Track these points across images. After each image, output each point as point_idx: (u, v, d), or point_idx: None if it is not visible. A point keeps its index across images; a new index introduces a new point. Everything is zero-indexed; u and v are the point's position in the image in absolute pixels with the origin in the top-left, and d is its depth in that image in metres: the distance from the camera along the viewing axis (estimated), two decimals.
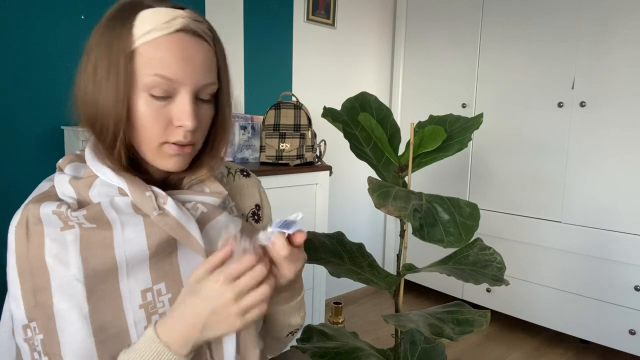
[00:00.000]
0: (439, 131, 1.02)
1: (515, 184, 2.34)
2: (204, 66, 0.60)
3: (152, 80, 0.57)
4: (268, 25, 2.26)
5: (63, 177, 0.64)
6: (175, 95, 0.59)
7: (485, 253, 1.02)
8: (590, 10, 2.02)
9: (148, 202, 0.61)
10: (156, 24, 0.57)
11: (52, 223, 0.59)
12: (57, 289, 0.58)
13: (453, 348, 2.23)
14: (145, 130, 0.60)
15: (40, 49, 1.57)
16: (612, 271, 2.03)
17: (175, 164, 0.63)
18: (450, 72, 2.58)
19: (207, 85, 0.61)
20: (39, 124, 1.60)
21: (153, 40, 0.57)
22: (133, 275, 0.60)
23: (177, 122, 0.60)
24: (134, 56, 0.57)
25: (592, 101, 2.04)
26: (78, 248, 0.58)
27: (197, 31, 0.60)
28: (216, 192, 0.68)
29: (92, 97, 0.59)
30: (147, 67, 0.57)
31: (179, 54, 0.58)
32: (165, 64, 0.57)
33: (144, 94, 0.58)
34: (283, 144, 1.91)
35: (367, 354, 1.05)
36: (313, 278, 2.03)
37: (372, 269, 1.08)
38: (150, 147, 0.61)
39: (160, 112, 0.59)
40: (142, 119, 0.59)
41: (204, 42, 0.61)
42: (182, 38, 0.58)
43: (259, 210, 0.80)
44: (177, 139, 0.60)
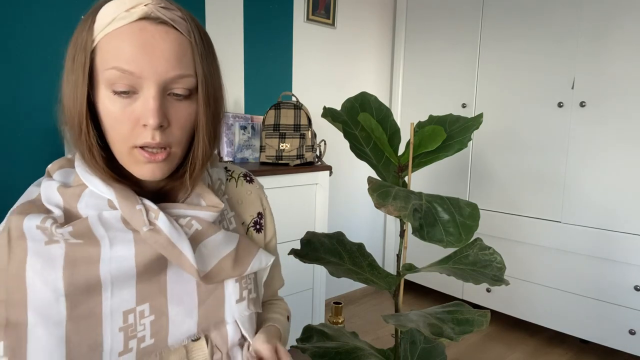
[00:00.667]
0: (438, 131, 1.02)
1: (515, 184, 2.34)
2: (170, 56, 0.54)
3: (111, 74, 0.53)
4: (268, 25, 2.26)
5: (51, 184, 0.60)
6: (140, 91, 0.54)
7: (485, 253, 1.02)
8: (590, 10, 2.02)
9: (138, 217, 0.57)
10: (116, 14, 0.53)
11: (35, 237, 0.55)
12: (34, 309, 0.54)
13: (453, 348, 2.23)
14: (112, 130, 0.55)
15: (40, 49, 1.57)
16: (612, 271, 2.03)
17: (150, 172, 0.57)
18: (450, 72, 2.58)
19: (178, 78, 0.55)
20: (39, 124, 1.60)
21: (113, 31, 0.53)
22: (117, 294, 0.57)
23: (142, 121, 0.54)
24: (95, 51, 0.54)
25: (592, 101, 2.04)
26: (62, 264, 0.55)
27: (162, 18, 0.54)
28: (212, 206, 0.64)
29: (61, 96, 0.57)
30: (106, 61, 0.53)
31: (138, 42, 0.52)
32: (123, 55, 0.52)
33: (107, 91, 0.54)
34: (283, 144, 1.91)
35: (367, 354, 1.05)
36: (313, 278, 2.03)
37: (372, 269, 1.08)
38: (121, 151, 0.57)
39: (125, 110, 0.54)
40: (107, 118, 0.55)
41: (171, 30, 0.55)
42: (144, 26, 0.53)
43: (261, 219, 0.77)
44: (144, 141, 0.55)
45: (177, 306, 0.61)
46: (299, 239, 1.14)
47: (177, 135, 0.57)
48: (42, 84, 1.59)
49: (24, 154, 1.58)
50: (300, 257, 1.08)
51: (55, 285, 0.54)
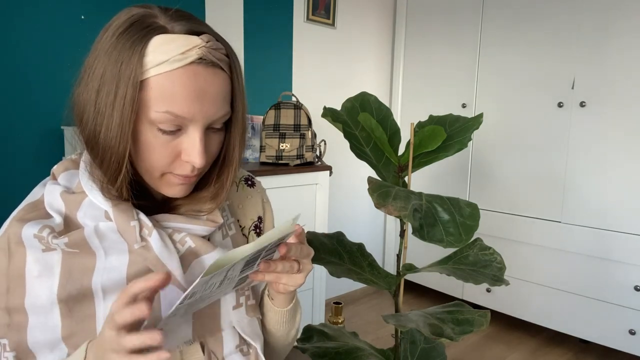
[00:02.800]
0: (439, 131, 1.02)
1: (515, 184, 2.34)
2: (218, 98, 0.56)
3: (162, 117, 0.53)
4: (268, 25, 2.26)
5: (55, 188, 0.61)
6: (185, 129, 0.56)
7: (485, 253, 1.02)
8: (590, 11, 2.02)
9: (131, 233, 0.58)
10: (170, 55, 0.52)
11: (33, 245, 0.56)
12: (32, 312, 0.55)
13: (453, 348, 2.23)
14: (150, 161, 0.56)
15: (40, 49, 1.57)
16: (612, 271, 2.03)
17: (179, 192, 0.61)
18: (450, 72, 2.58)
19: (221, 117, 0.58)
20: (39, 124, 1.60)
21: (166, 73, 0.52)
22: (110, 301, 0.57)
23: (185, 157, 0.56)
24: (143, 87, 0.52)
25: (592, 101, 2.04)
26: (59, 271, 0.56)
27: (214, 61, 0.54)
28: (211, 221, 0.65)
29: (93, 122, 0.54)
30: (158, 102, 0.53)
31: (192, 89, 0.53)
32: (177, 101, 0.53)
33: (152, 126, 0.54)
34: (283, 144, 1.91)
35: (367, 354, 1.05)
36: (313, 278, 2.03)
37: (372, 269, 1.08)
38: (152, 176, 0.58)
39: (167, 145, 0.56)
40: (148, 150, 0.55)
41: (219, 72, 0.56)
42: (198, 71, 0.53)
43: (260, 223, 0.78)
44: (183, 172, 0.58)
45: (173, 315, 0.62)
46: None
47: (208, 163, 0.61)
48: (43, 84, 1.59)
49: (24, 154, 1.58)
50: None
51: (51, 291, 0.56)
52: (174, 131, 0.55)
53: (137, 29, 0.53)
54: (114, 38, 0.53)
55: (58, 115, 1.63)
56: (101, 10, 1.67)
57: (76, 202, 0.59)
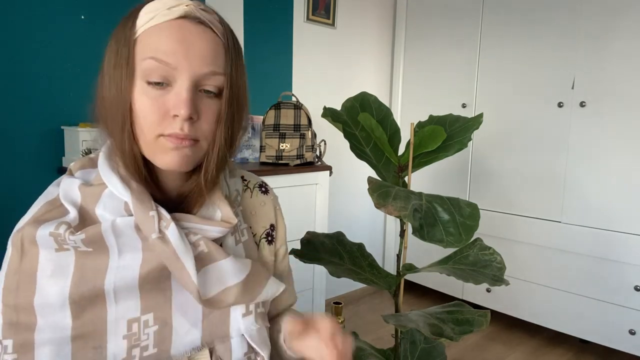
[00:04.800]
0: (438, 131, 1.02)
1: (515, 184, 2.33)
2: (205, 53, 0.56)
3: (148, 64, 0.55)
4: (268, 25, 2.26)
5: (73, 181, 0.61)
6: (173, 84, 0.56)
7: (485, 253, 1.02)
8: (590, 10, 2.02)
9: (150, 223, 0.57)
10: (158, 11, 0.56)
11: (47, 245, 0.56)
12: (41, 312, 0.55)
13: (453, 348, 2.23)
14: (142, 120, 0.56)
15: (41, 49, 1.57)
16: (612, 271, 2.03)
17: (175, 159, 0.57)
18: (450, 72, 2.58)
19: (209, 75, 0.57)
20: (39, 124, 1.60)
21: (154, 26, 0.56)
22: (122, 303, 0.57)
23: (172, 111, 0.55)
24: (135, 45, 0.56)
25: (592, 101, 2.04)
26: (72, 271, 0.56)
27: (201, 19, 0.57)
28: (225, 221, 0.64)
29: (102, 93, 0.58)
30: (144, 52, 0.55)
31: (177, 37, 0.55)
32: (161, 47, 0.55)
33: (142, 82, 0.56)
34: (283, 144, 1.91)
35: (367, 354, 1.05)
36: (313, 278, 2.03)
37: (372, 269, 1.08)
38: (147, 140, 0.57)
39: (157, 100, 0.56)
40: (139, 108, 0.56)
41: (208, 30, 0.58)
42: (184, 24, 0.56)
43: (273, 231, 0.77)
44: (173, 131, 0.56)
45: (182, 317, 0.61)
46: (299, 239, 1.14)
47: (205, 130, 0.58)
48: (43, 84, 1.59)
49: (24, 154, 1.58)
50: (300, 257, 1.08)
51: (63, 291, 0.56)
52: (162, 84, 0.56)
53: (134, 8, 0.58)
54: (119, 24, 0.58)
55: (58, 115, 1.63)
56: (101, 10, 1.67)
57: (95, 194, 0.59)
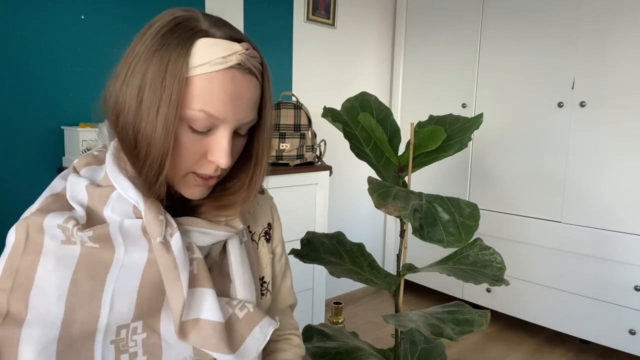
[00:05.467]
0: (438, 131, 1.02)
1: (515, 183, 2.33)
2: (250, 104, 0.58)
3: (197, 115, 0.55)
4: (268, 25, 2.26)
5: (80, 180, 0.60)
6: (215, 130, 0.57)
7: (485, 253, 1.02)
8: (590, 10, 2.02)
9: (157, 226, 0.57)
10: (213, 57, 0.54)
11: (54, 235, 0.56)
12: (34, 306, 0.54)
13: (453, 348, 2.23)
14: (178, 159, 0.57)
15: (41, 49, 1.57)
16: (612, 271, 2.03)
17: (197, 193, 0.62)
18: (450, 72, 2.58)
19: (249, 122, 0.60)
20: (39, 124, 1.60)
21: (207, 74, 0.55)
22: (116, 306, 0.57)
23: (211, 157, 0.58)
24: (186, 85, 0.54)
25: (592, 101, 2.04)
26: (74, 266, 0.56)
27: (250, 68, 0.58)
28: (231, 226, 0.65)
29: (135, 119, 0.55)
30: (194, 101, 0.54)
31: (229, 92, 0.56)
32: (213, 102, 0.55)
33: (183, 124, 0.56)
34: (283, 144, 1.91)
35: (367, 354, 1.05)
36: (313, 278, 2.03)
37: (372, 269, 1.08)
38: (177, 174, 0.59)
39: (197, 143, 0.57)
40: (177, 148, 0.56)
41: (254, 79, 0.59)
42: (235, 75, 0.56)
43: (270, 229, 0.79)
44: (206, 172, 0.59)
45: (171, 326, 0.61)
46: (299, 239, 1.14)
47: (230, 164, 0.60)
48: (43, 84, 1.59)
49: (24, 154, 1.58)
50: (300, 257, 1.08)
51: (62, 284, 0.55)
52: (204, 131, 0.57)
53: (183, 30, 0.55)
54: (158, 37, 0.55)
55: (58, 115, 1.63)
56: (101, 10, 1.67)
57: (103, 195, 0.59)
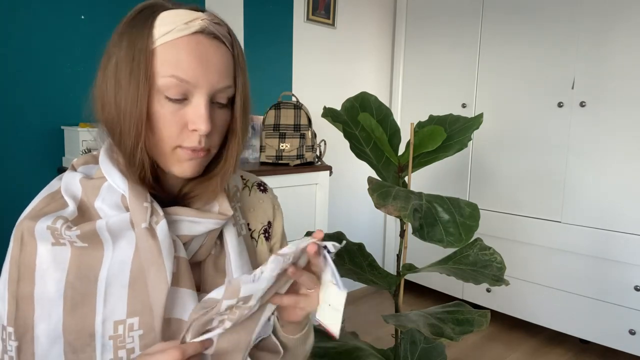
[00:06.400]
0: (438, 131, 1.02)
1: (515, 184, 2.33)
2: (220, 69, 0.59)
3: (168, 81, 0.56)
4: (268, 26, 2.26)
5: (75, 175, 0.63)
6: (191, 98, 0.58)
7: (485, 253, 1.02)
8: (590, 11, 2.02)
9: (142, 213, 0.59)
10: (175, 25, 0.57)
11: (44, 238, 0.58)
12: (40, 303, 0.57)
13: (453, 348, 2.23)
14: (159, 132, 0.59)
15: (41, 49, 1.57)
16: (612, 271, 2.03)
17: (190, 169, 0.61)
18: (450, 72, 2.58)
19: (224, 89, 0.60)
20: (39, 124, 1.60)
21: (172, 41, 0.57)
22: (110, 302, 0.58)
23: (191, 126, 0.58)
24: (153, 57, 0.57)
25: (592, 101, 2.04)
26: (67, 267, 0.58)
27: (215, 34, 0.59)
28: (222, 213, 0.65)
29: (112, 99, 0.58)
30: (164, 68, 0.57)
31: (196, 55, 0.57)
32: (181, 65, 0.56)
33: (159, 95, 0.57)
34: (283, 144, 1.91)
35: (367, 354, 1.05)
36: None
37: (372, 269, 1.08)
38: (164, 151, 0.60)
39: (175, 114, 0.58)
40: (157, 121, 0.58)
41: (222, 45, 0.60)
42: (200, 40, 0.58)
43: (269, 228, 0.79)
44: (192, 145, 0.59)
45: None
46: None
47: (216, 140, 0.62)
48: (43, 84, 1.59)
49: (24, 154, 1.58)
50: None
51: (59, 285, 0.57)
52: (180, 100, 0.58)
53: (146, 12, 0.58)
54: (124, 26, 0.59)
55: (58, 115, 1.63)
56: (101, 10, 1.67)
57: (95, 187, 0.61)
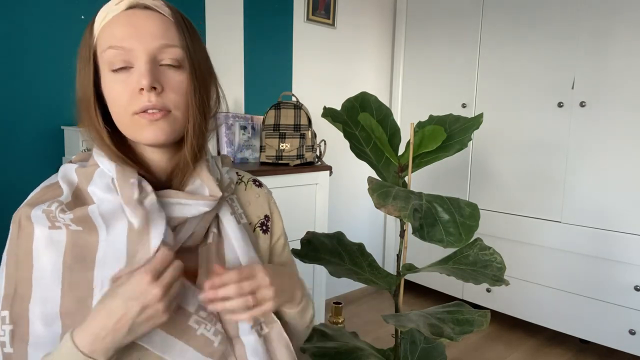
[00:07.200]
0: (439, 131, 1.02)
1: (515, 184, 2.33)
2: (154, 31, 0.61)
3: (108, 53, 0.60)
4: (268, 25, 2.26)
5: (71, 165, 0.68)
6: (135, 64, 0.61)
7: (485, 253, 1.02)
8: (590, 10, 2.02)
9: (129, 189, 0.61)
10: (108, 9, 0.62)
11: (40, 222, 0.61)
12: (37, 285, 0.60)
13: (453, 348, 2.23)
14: (115, 105, 0.62)
15: (40, 49, 1.57)
16: (612, 271, 2.03)
17: (152, 133, 0.62)
18: (450, 72, 2.58)
19: (163, 47, 0.61)
20: (39, 124, 1.60)
21: (107, 22, 0.61)
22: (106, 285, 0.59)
23: (137, 86, 0.60)
24: (96, 45, 0.62)
25: (592, 101, 2.04)
26: (63, 249, 0.60)
27: (147, 5, 0.62)
28: (212, 195, 0.67)
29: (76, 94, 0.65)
30: (103, 44, 0.61)
31: (128, 24, 0.61)
32: (116, 36, 0.60)
33: (109, 73, 0.61)
34: (283, 144, 1.91)
35: (367, 354, 1.05)
36: (313, 278, 2.03)
37: (372, 269, 1.08)
38: (125, 122, 0.62)
39: (124, 82, 0.61)
40: (111, 95, 0.62)
41: (155, 13, 0.63)
42: (132, 12, 0.61)
43: (267, 221, 0.81)
44: (143, 104, 0.60)
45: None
46: (299, 239, 1.14)
47: (173, 99, 0.62)
48: (43, 84, 1.59)
49: (24, 154, 1.58)
50: (300, 257, 1.08)
51: (56, 266, 0.60)
52: (124, 68, 0.61)
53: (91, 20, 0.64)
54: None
55: (58, 115, 1.63)
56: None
57: (88, 174, 0.65)
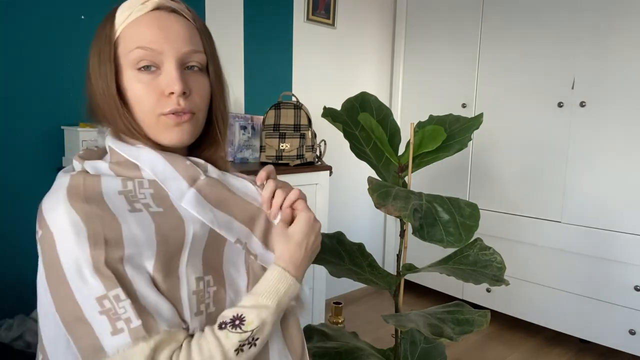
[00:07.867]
0: (439, 131, 1.02)
1: (515, 184, 2.33)
2: (183, 35, 0.63)
3: (135, 54, 0.60)
4: (268, 25, 2.26)
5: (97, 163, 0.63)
6: (162, 67, 0.62)
7: (485, 253, 1.02)
8: (590, 10, 2.02)
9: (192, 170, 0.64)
10: (133, 8, 0.62)
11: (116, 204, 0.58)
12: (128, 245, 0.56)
13: (453, 348, 2.23)
14: (140, 104, 0.62)
15: (41, 49, 1.57)
16: (612, 271, 2.02)
17: (178, 135, 0.64)
18: (450, 71, 2.58)
19: (191, 53, 0.63)
20: (39, 124, 1.60)
21: (132, 21, 0.61)
22: (191, 261, 0.61)
23: (167, 90, 0.61)
24: (117, 43, 0.62)
25: (592, 101, 2.04)
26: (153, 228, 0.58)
27: (173, 8, 0.63)
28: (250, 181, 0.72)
29: (91, 92, 0.64)
30: (130, 44, 0.61)
31: (157, 26, 0.61)
32: (144, 37, 0.60)
33: (132, 71, 0.61)
34: (283, 144, 1.91)
35: (367, 354, 1.05)
36: (313, 278, 2.03)
37: (372, 269, 1.08)
38: (149, 122, 0.63)
39: (150, 84, 0.61)
40: (135, 94, 0.61)
41: (181, 17, 0.64)
42: (159, 14, 0.62)
43: None
44: (172, 108, 0.61)
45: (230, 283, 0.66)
46: None
47: (198, 102, 0.65)
48: (43, 84, 1.59)
49: (24, 154, 1.58)
50: None
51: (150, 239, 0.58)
52: (151, 68, 0.61)
53: (109, 12, 0.64)
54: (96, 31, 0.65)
55: (58, 115, 1.62)
56: (101, 10, 1.66)
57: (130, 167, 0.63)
